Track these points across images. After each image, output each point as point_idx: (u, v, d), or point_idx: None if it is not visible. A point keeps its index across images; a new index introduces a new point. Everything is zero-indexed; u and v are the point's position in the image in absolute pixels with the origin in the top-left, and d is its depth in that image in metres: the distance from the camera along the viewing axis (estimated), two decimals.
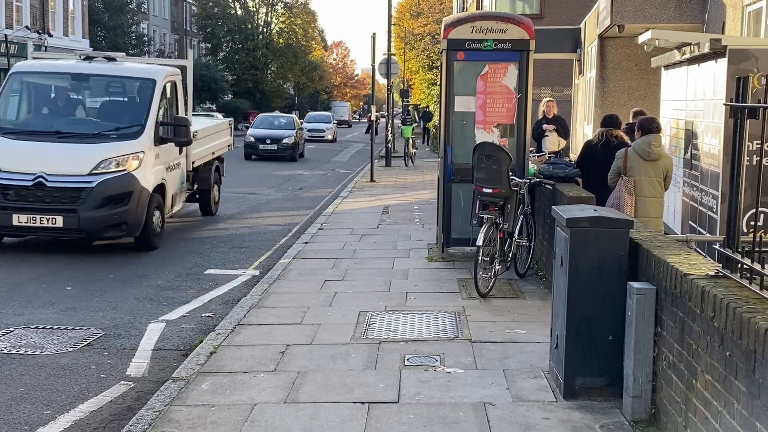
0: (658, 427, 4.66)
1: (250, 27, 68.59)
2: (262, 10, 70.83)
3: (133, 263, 10.18)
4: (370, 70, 27.08)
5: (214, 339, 6.63)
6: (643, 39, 9.84)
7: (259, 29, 69.73)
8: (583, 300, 5.04)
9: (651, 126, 8.10)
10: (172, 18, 66.65)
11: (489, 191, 8.22)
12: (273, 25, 71.64)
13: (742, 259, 3.80)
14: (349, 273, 9.36)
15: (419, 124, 48.66)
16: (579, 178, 8.77)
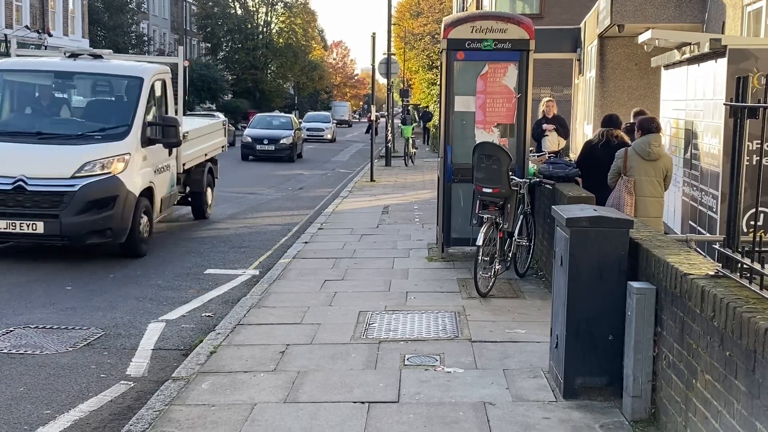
0: (658, 427, 4.66)
1: (249, 27, 68.61)
2: (262, 10, 70.85)
3: (133, 263, 10.17)
4: (370, 70, 27.10)
5: (214, 339, 6.63)
6: (643, 39, 9.85)
7: (259, 29, 69.75)
8: (583, 300, 5.05)
9: (651, 126, 8.10)
10: (172, 18, 66.64)
11: (489, 191, 8.23)
12: (273, 25, 71.66)
13: (742, 258, 3.80)
14: (349, 273, 9.36)
15: (419, 124, 48.70)
16: (579, 178, 8.77)
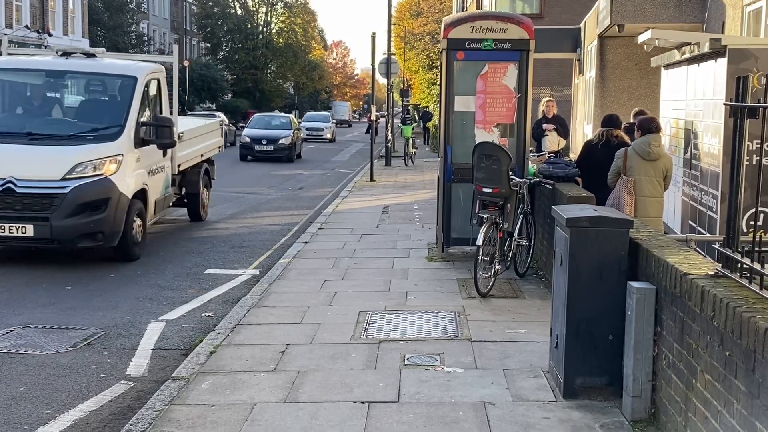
0: (658, 427, 4.66)
1: (249, 26, 68.64)
2: (262, 10, 70.89)
3: (133, 263, 10.16)
4: (370, 70, 27.10)
5: (214, 338, 6.63)
6: (643, 39, 9.85)
7: (259, 29, 69.78)
8: (582, 299, 5.05)
9: (651, 126, 8.10)
10: (172, 17, 66.63)
11: (489, 191, 8.23)
12: (273, 25, 71.70)
13: (742, 258, 3.80)
14: (349, 272, 9.36)
15: (419, 124, 48.72)
16: (579, 178, 8.78)
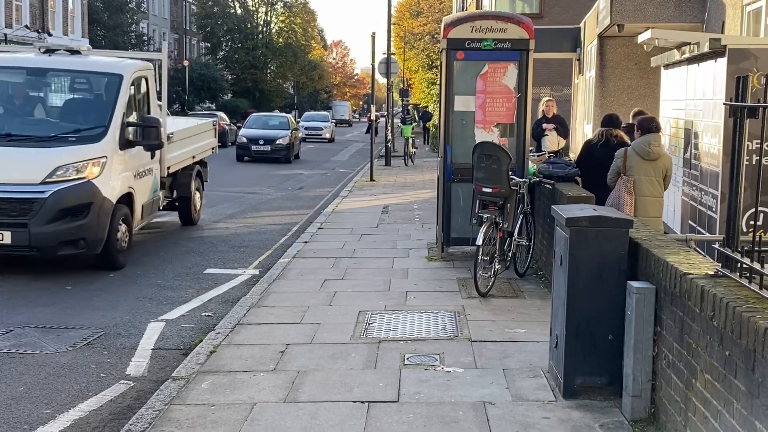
0: (658, 427, 4.66)
1: (249, 26, 68.64)
2: (262, 10, 70.90)
3: (133, 263, 10.16)
4: (370, 70, 27.10)
5: (213, 338, 6.63)
6: (643, 38, 9.86)
7: (259, 28, 69.78)
8: (582, 299, 5.05)
9: (650, 125, 8.11)
10: (172, 17, 66.62)
11: (489, 191, 8.23)
12: (272, 25, 71.70)
13: (742, 258, 3.80)
14: (349, 272, 9.36)
15: (419, 124, 48.73)
16: (578, 178, 8.78)
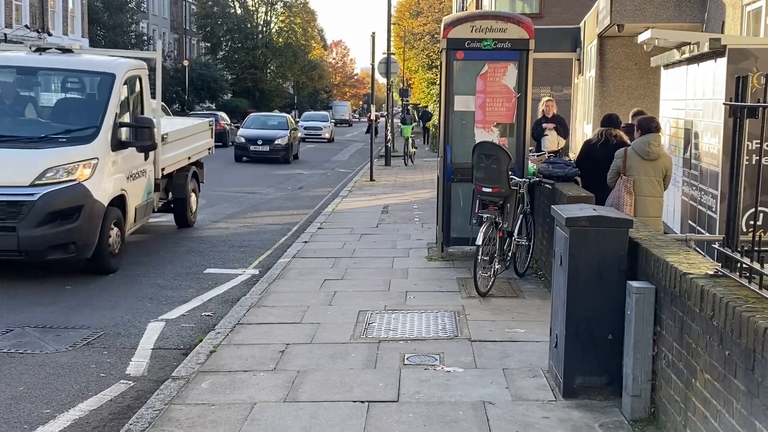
0: (658, 426, 4.66)
1: (249, 26, 68.63)
2: (262, 10, 70.90)
3: (133, 263, 10.17)
4: (370, 70, 27.09)
5: (213, 338, 6.63)
6: (643, 38, 9.86)
7: (259, 28, 69.78)
8: (582, 299, 5.05)
9: (650, 125, 8.11)
10: (172, 17, 66.61)
11: (488, 190, 8.23)
12: (272, 25, 71.70)
13: (742, 258, 3.80)
14: (349, 272, 9.36)
15: (419, 124, 48.74)
16: (578, 178, 8.78)
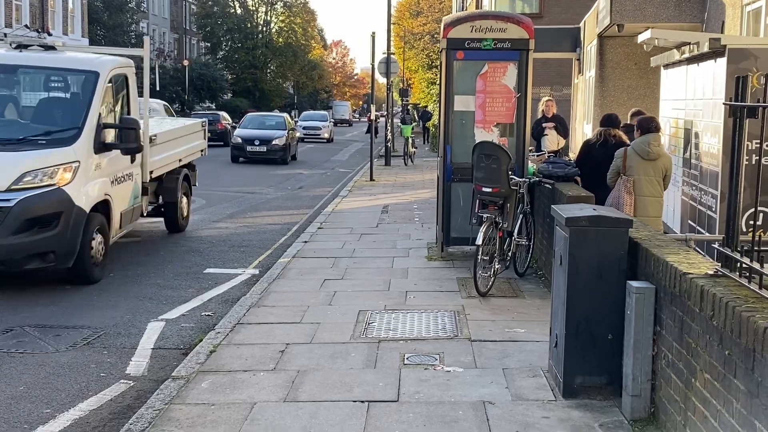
0: (658, 426, 4.66)
1: (249, 26, 68.66)
2: (262, 9, 70.95)
3: (133, 262, 10.17)
4: (370, 69, 27.09)
5: (213, 338, 6.63)
6: (643, 38, 9.86)
7: (259, 28, 69.81)
8: (582, 299, 5.05)
9: (650, 125, 8.11)
10: (172, 17, 66.66)
11: (488, 190, 8.23)
12: (272, 24, 71.75)
13: (741, 258, 3.80)
14: (349, 272, 9.36)
15: (419, 124, 48.75)
16: (578, 177, 8.78)
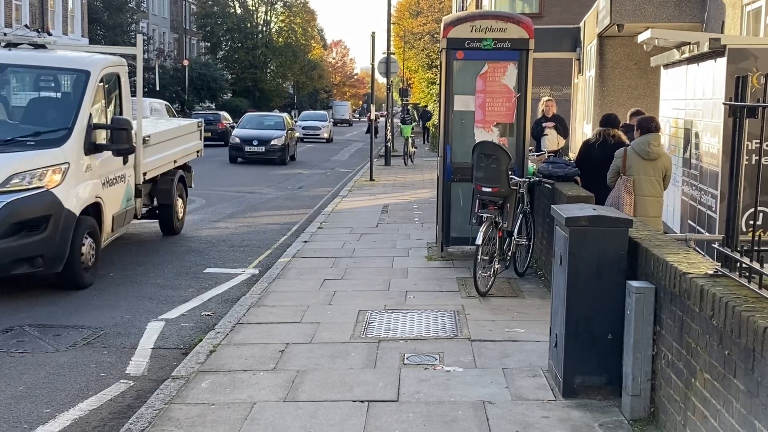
0: (657, 426, 4.66)
1: (249, 26, 68.65)
2: (262, 9, 70.93)
3: (133, 262, 10.17)
4: (370, 69, 27.08)
5: (213, 338, 6.64)
6: (643, 38, 9.86)
7: (259, 28, 69.80)
8: (582, 299, 5.05)
9: (650, 125, 8.11)
10: (172, 17, 66.64)
11: (488, 190, 8.23)
12: (272, 24, 71.74)
13: (741, 257, 3.80)
14: (349, 272, 9.36)
15: (418, 123, 48.76)
16: (578, 177, 8.78)
